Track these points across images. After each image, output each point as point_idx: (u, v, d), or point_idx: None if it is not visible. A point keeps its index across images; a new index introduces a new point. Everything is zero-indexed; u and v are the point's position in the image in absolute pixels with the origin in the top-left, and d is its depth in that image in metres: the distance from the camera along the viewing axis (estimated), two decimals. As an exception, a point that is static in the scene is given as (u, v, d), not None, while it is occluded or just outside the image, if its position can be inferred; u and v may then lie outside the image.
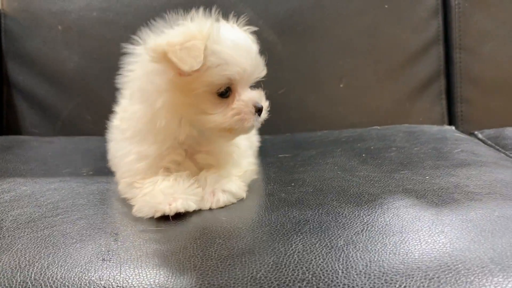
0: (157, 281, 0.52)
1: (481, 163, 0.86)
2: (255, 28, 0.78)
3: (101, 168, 0.91)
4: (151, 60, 0.67)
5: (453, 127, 1.23)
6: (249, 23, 0.79)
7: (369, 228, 0.59)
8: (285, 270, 0.52)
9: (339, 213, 0.64)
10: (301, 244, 0.56)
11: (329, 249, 0.54)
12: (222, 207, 0.71)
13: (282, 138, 1.18)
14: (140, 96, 0.73)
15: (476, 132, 1.23)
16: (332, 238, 0.57)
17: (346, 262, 0.52)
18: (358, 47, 1.28)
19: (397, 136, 1.07)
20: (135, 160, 0.73)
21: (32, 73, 1.29)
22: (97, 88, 1.28)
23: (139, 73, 0.73)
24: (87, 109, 1.29)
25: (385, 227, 0.59)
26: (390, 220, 0.61)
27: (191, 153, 0.76)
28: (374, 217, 0.62)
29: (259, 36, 0.79)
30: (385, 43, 1.29)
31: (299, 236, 0.58)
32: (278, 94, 1.25)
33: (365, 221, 0.61)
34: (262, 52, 0.75)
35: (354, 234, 0.58)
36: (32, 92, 1.30)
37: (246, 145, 0.85)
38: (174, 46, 0.64)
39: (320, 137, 1.14)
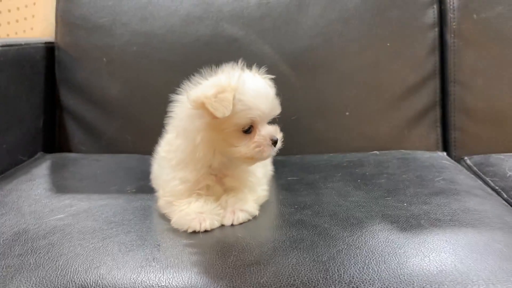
0: (190, 282, 0.72)
1: (455, 191, 1.02)
2: (273, 76, 0.97)
3: (142, 187, 1.11)
4: (192, 108, 0.87)
5: (445, 153, 1.39)
6: (267, 57, 0.95)
7: (348, 247, 0.78)
8: (282, 278, 0.71)
9: (328, 234, 0.83)
10: (295, 258, 0.75)
11: (315, 263, 0.74)
12: (240, 224, 0.90)
13: (293, 160, 1.34)
14: (183, 133, 0.92)
15: (465, 158, 1.38)
16: (319, 254, 0.76)
17: (325, 273, 0.71)
18: (362, 80, 1.43)
19: (391, 163, 1.24)
20: (178, 184, 0.93)
21: (80, 98, 1.49)
22: (136, 112, 1.47)
23: (182, 116, 0.92)
24: (127, 130, 1.48)
25: (360, 247, 0.78)
26: (366, 241, 0.80)
27: (220, 177, 0.95)
28: (354, 238, 0.81)
29: (276, 69, 0.97)
30: (387, 77, 1.43)
31: (295, 252, 0.77)
32: (291, 120, 1.41)
33: (347, 241, 0.80)
34: (276, 84, 0.93)
35: (336, 252, 0.77)
36: (80, 115, 1.49)
37: (262, 173, 1.04)
38: (210, 98, 0.83)
39: (326, 160, 1.31)
